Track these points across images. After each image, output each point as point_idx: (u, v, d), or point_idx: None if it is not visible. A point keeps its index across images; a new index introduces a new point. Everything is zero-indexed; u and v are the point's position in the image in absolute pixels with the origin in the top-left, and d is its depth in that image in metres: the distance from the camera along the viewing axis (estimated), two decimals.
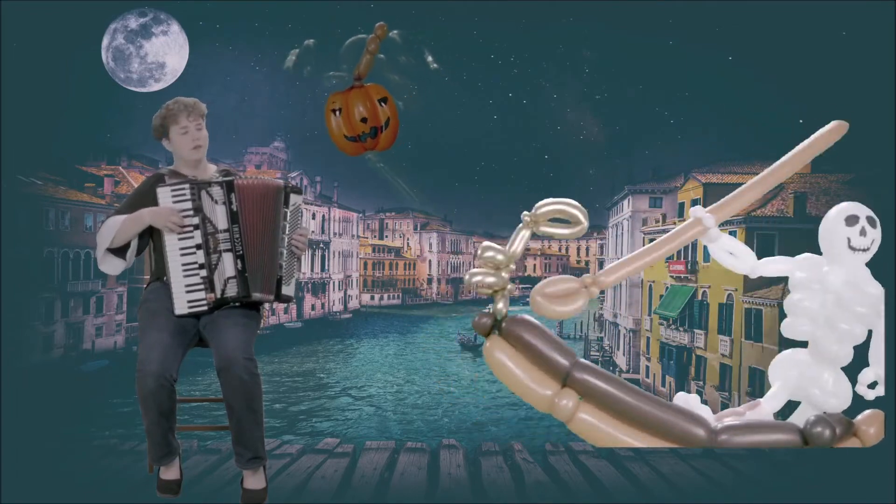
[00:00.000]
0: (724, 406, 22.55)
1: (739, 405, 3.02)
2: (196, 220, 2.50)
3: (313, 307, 49.30)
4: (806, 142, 2.90)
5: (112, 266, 2.54)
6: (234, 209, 2.51)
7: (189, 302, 2.47)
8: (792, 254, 2.82)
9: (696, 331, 25.42)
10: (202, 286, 2.48)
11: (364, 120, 3.29)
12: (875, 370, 2.70)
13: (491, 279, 2.53)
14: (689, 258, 25.75)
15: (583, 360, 2.68)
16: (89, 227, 30.96)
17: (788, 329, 2.88)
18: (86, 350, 30.55)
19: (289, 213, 2.58)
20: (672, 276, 27.15)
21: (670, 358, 27.34)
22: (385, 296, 63.91)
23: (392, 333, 49.56)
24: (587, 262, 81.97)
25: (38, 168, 29.26)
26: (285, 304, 2.72)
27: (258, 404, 2.42)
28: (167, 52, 30.62)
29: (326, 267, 51.52)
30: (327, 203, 52.07)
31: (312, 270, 49.49)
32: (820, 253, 2.80)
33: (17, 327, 25.11)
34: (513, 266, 2.56)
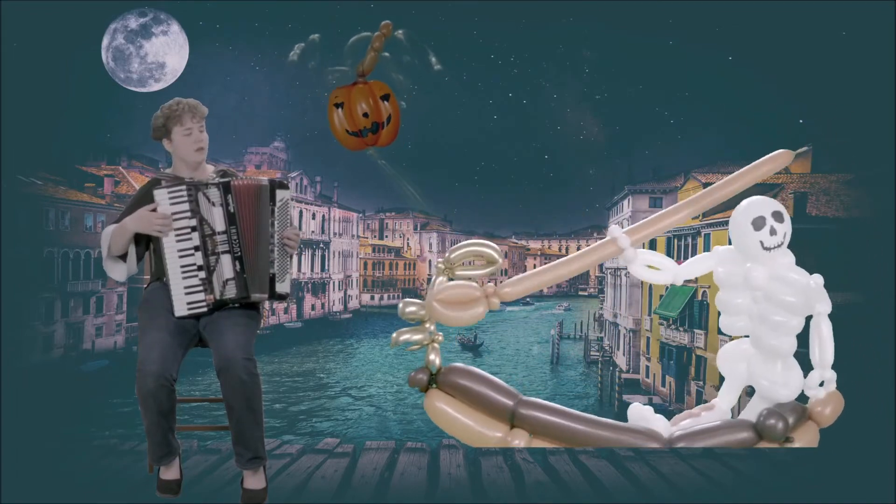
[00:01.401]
0: None
1: (739, 407, 3.01)
2: (193, 222, 2.49)
3: (313, 307, 49.29)
4: (744, 169, 2.85)
5: (118, 272, 2.57)
6: (232, 210, 2.51)
7: (188, 304, 2.47)
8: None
9: (696, 331, 25.41)
10: (201, 288, 2.48)
11: (366, 115, 3.29)
12: (819, 372, 2.65)
13: (418, 336, 2.57)
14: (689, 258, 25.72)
15: (525, 397, 2.67)
16: (89, 227, 30.96)
17: (727, 327, 2.86)
18: (86, 350, 30.55)
19: (276, 210, 2.56)
20: None
21: (670, 358, 27.34)
22: (385, 296, 63.91)
23: (392, 333, 49.49)
24: None
25: (38, 168, 29.26)
26: (285, 304, 2.70)
27: (258, 404, 2.42)
28: (167, 52, 30.63)
29: (326, 267, 51.52)
30: (327, 203, 52.07)
31: (312, 270, 49.49)
32: None
33: (17, 327, 25.10)
34: None
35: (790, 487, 3.10)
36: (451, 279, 2.63)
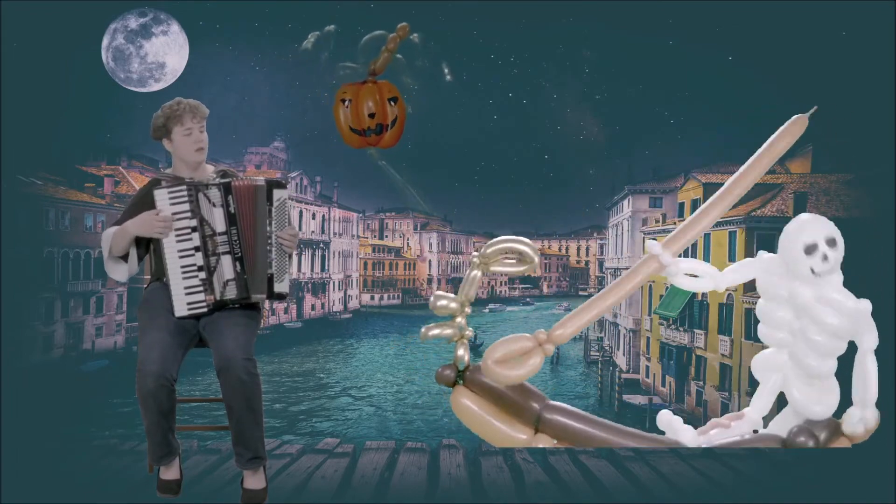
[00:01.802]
0: (725, 406, 22.56)
1: (739, 406, 2.99)
2: (194, 223, 2.49)
3: (313, 307, 49.29)
4: (765, 146, 2.73)
5: (119, 272, 2.57)
6: (232, 211, 2.51)
7: (189, 304, 2.47)
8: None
9: (696, 331, 25.43)
10: (201, 288, 2.48)
11: (372, 115, 3.28)
12: (861, 410, 2.55)
13: (448, 331, 2.51)
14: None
15: (552, 401, 2.64)
16: (89, 227, 30.96)
17: (765, 337, 2.77)
18: (86, 350, 30.55)
19: (273, 210, 2.55)
20: None
21: (670, 358, 27.35)
22: (385, 296, 63.92)
23: (392, 333, 49.56)
24: (587, 262, 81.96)
25: (38, 168, 29.27)
26: (285, 304, 2.69)
27: (258, 404, 2.42)
28: (167, 52, 30.62)
29: (326, 267, 51.52)
30: (327, 203, 52.07)
31: (312, 270, 49.49)
32: None
33: (17, 327, 25.10)
34: (468, 310, 2.52)
35: (790, 487, 3.09)
36: (484, 273, 2.60)
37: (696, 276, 2.70)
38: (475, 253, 2.57)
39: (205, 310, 2.48)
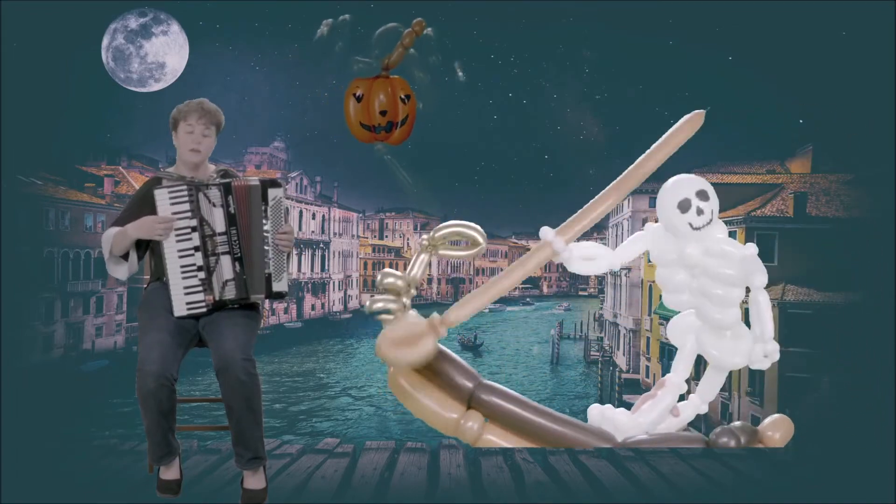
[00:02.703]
0: (724, 406, 22.55)
1: (739, 406, 3.02)
2: (194, 223, 2.49)
3: (313, 307, 49.29)
4: (663, 139, 2.76)
5: (119, 271, 2.57)
6: (232, 211, 2.51)
7: (188, 304, 2.47)
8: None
9: None
10: (201, 288, 2.49)
11: (383, 113, 3.27)
12: (762, 346, 2.64)
13: (392, 305, 2.54)
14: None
15: (487, 381, 2.66)
16: (89, 227, 30.96)
17: (671, 304, 2.85)
18: (86, 350, 30.55)
19: (269, 209, 2.55)
20: None
21: (670, 358, 27.32)
22: None
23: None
24: None
25: (38, 168, 29.26)
26: (284, 304, 2.70)
27: (257, 404, 2.42)
28: (167, 52, 30.61)
29: (326, 267, 51.51)
30: (327, 203, 52.05)
31: (312, 270, 49.49)
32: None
33: (17, 327, 25.10)
34: (414, 290, 2.55)
35: (790, 487, 3.10)
36: (432, 256, 2.62)
37: (592, 260, 2.75)
38: (424, 237, 2.59)
39: (204, 310, 2.48)
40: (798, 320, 20.30)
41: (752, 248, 2.62)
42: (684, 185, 2.69)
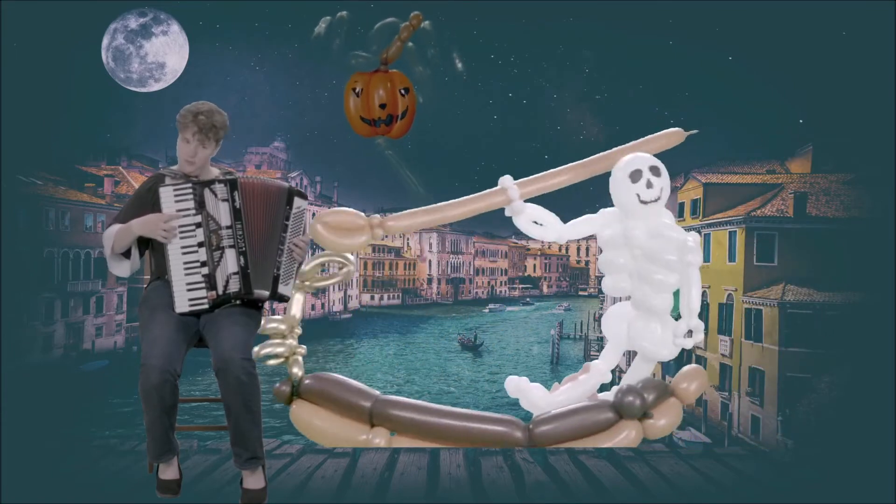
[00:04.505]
0: (725, 406, 22.56)
1: (739, 406, 3.03)
2: (199, 219, 2.50)
3: (313, 307, 49.29)
4: (637, 141, 2.87)
5: (121, 269, 2.58)
6: (238, 206, 2.52)
7: (190, 300, 2.47)
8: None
9: None
10: (203, 284, 2.49)
11: (383, 106, 3.28)
12: (687, 321, 2.68)
13: (280, 349, 2.63)
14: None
15: (384, 396, 2.72)
16: (89, 227, 30.95)
17: (609, 288, 2.89)
18: (86, 350, 30.53)
19: (291, 215, 2.59)
20: None
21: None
22: (385, 296, 63.91)
23: (392, 333, 49.55)
24: (587, 262, 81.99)
25: (38, 168, 29.25)
26: (285, 305, 2.74)
27: (256, 404, 2.42)
28: (167, 52, 30.61)
29: (326, 267, 51.49)
30: (327, 203, 52.04)
31: None
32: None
33: (17, 327, 25.10)
34: (298, 330, 2.68)
35: (790, 487, 3.10)
36: (307, 293, 2.76)
37: (540, 225, 2.80)
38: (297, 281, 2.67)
39: (206, 306, 2.49)
40: (798, 320, 20.29)
41: (695, 237, 2.69)
42: (639, 159, 2.76)
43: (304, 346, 2.72)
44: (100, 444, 3.62)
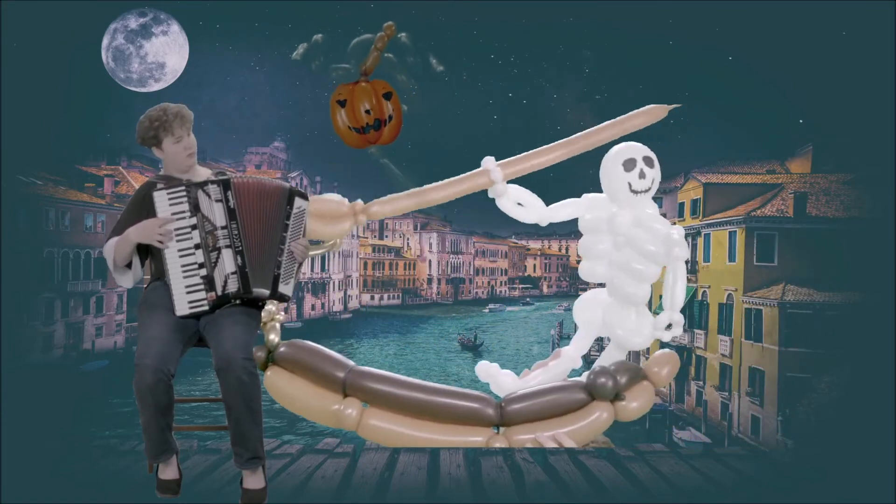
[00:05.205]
0: (725, 406, 22.56)
1: (739, 406, 3.03)
2: (194, 221, 2.50)
3: (313, 307, 49.30)
4: (620, 118, 2.88)
5: (126, 279, 2.59)
6: (232, 206, 2.52)
7: (190, 303, 2.48)
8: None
9: (696, 331, 25.41)
10: (202, 286, 2.49)
11: (368, 112, 3.30)
12: (669, 314, 2.71)
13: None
14: (689, 258, 25.73)
15: (358, 367, 2.70)
16: (89, 227, 30.96)
17: (586, 273, 2.89)
18: (86, 350, 30.54)
19: (292, 215, 2.59)
20: None
21: None
22: (385, 296, 63.92)
23: (392, 333, 49.56)
24: None
25: (38, 168, 29.26)
26: (285, 305, 2.74)
27: (257, 404, 2.42)
28: (167, 52, 30.62)
29: (326, 267, 51.54)
30: None
31: (312, 270, 49.50)
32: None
33: (17, 327, 25.11)
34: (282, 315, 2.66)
35: (790, 487, 3.10)
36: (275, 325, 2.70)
37: (523, 206, 2.80)
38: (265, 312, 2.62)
39: (206, 308, 2.49)
40: (798, 320, 20.29)
41: (680, 230, 2.69)
42: (633, 148, 2.77)
43: (284, 313, 2.71)
44: (100, 444, 3.62)
